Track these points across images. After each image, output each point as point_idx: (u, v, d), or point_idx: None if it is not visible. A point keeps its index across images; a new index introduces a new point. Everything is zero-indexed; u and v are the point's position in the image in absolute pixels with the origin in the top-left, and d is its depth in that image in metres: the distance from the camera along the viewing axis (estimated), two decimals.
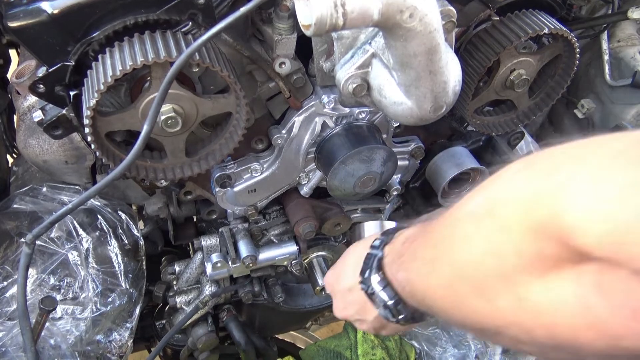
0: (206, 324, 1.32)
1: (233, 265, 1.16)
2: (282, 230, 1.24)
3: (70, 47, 0.77)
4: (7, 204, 1.12)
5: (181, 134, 0.87)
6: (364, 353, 1.43)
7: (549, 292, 0.41)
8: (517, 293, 0.43)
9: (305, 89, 0.98)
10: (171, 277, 1.29)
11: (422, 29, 0.69)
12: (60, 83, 0.79)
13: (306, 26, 0.66)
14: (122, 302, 1.10)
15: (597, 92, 1.47)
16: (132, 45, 0.75)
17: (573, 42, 1.00)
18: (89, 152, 1.01)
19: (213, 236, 1.22)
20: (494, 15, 1.01)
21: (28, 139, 1.01)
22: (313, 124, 1.01)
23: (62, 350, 1.01)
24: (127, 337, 1.12)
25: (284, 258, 1.22)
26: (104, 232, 1.12)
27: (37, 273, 1.05)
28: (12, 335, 0.98)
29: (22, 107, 1.01)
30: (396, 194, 1.22)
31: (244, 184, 1.08)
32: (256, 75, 0.96)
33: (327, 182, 1.04)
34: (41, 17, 0.73)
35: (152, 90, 0.80)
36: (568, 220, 0.38)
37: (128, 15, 0.76)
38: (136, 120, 0.82)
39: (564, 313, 0.40)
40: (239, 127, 0.88)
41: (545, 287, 0.41)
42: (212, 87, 0.90)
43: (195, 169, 0.92)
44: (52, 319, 1.02)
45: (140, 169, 0.89)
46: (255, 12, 0.88)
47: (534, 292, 0.42)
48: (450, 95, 0.83)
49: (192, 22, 0.80)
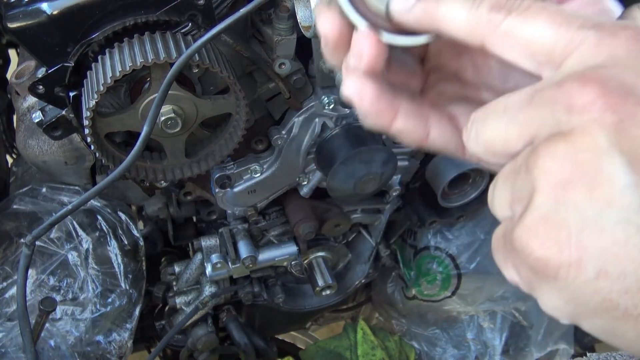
0: (206, 324, 1.32)
1: (233, 265, 1.16)
2: (282, 231, 1.24)
3: (70, 48, 0.77)
4: (7, 204, 1.11)
5: (181, 134, 0.87)
6: (364, 353, 1.43)
7: None
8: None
9: (305, 89, 0.98)
10: (171, 277, 1.29)
11: None
12: (60, 84, 0.79)
13: (306, 27, 0.66)
14: (122, 302, 1.10)
15: None
16: (132, 47, 0.75)
17: None
18: (88, 153, 1.01)
19: (213, 237, 1.22)
20: None
21: (27, 139, 1.01)
22: (313, 125, 1.01)
23: (62, 351, 1.01)
24: (127, 337, 1.11)
25: (284, 259, 1.22)
26: (103, 232, 1.12)
27: (36, 274, 1.05)
28: (12, 336, 0.98)
29: (22, 108, 1.00)
30: (396, 195, 1.21)
31: (244, 184, 1.08)
32: (256, 76, 0.96)
33: (327, 183, 1.04)
34: (41, 18, 0.73)
35: (151, 91, 0.80)
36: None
37: (127, 17, 0.76)
38: (136, 121, 0.82)
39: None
40: (239, 128, 0.88)
41: None
42: (211, 88, 0.90)
43: (195, 169, 0.92)
44: (52, 319, 1.02)
45: (140, 169, 0.89)
46: (255, 13, 0.88)
47: None
48: None
49: (191, 23, 0.79)
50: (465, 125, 0.38)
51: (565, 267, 0.30)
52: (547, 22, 0.33)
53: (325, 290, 1.30)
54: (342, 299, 1.45)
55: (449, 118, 0.44)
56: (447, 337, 1.54)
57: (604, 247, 0.29)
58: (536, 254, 0.31)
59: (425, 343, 1.55)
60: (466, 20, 0.36)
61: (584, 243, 0.30)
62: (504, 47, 0.35)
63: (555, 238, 0.30)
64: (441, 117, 0.44)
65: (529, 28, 0.33)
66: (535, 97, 0.32)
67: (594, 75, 0.30)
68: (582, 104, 0.30)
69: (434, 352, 1.53)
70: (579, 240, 0.30)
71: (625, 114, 0.29)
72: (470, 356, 1.51)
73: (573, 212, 0.30)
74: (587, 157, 0.29)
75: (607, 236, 0.29)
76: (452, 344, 1.53)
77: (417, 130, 0.42)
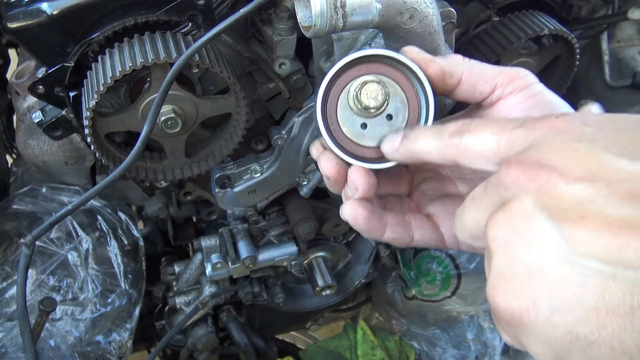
0: (206, 324, 1.32)
1: (233, 265, 1.16)
2: (281, 231, 1.24)
3: (70, 48, 0.77)
4: (7, 204, 1.11)
5: (181, 134, 0.87)
6: (364, 353, 1.43)
7: None
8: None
9: (305, 89, 0.98)
10: (171, 277, 1.29)
11: (422, 30, 0.69)
12: (60, 84, 0.79)
13: (306, 27, 0.66)
14: (122, 302, 1.10)
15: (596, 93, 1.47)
16: (132, 47, 0.75)
17: (573, 43, 1.00)
18: (88, 153, 1.01)
19: (213, 237, 1.22)
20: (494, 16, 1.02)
21: (27, 139, 1.01)
22: (313, 125, 1.01)
23: (62, 351, 1.01)
24: (127, 337, 1.11)
25: (284, 259, 1.22)
26: (103, 232, 1.12)
27: (36, 274, 1.05)
28: (12, 336, 0.98)
29: (22, 108, 1.00)
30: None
31: (244, 184, 1.08)
32: (256, 76, 0.96)
33: None
34: (41, 18, 0.73)
35: (151, 91, 0.80)
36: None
37: (127, 17, 0.76)
38: (136, 121, 0.82)
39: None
40: (239, 128, 0.88)
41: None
42: (212, 88, 0.90)
43: (195, 169, 0.92)
44: (52, 319, 1.02)
45: (140, 169, 0.89)
46: (255, 13, 0.88)
47: None
48: None
49: (191, 23, 0.79)
50: (442, 223, 0.55)
51: (525, 312, 0.36)
52: (490, 133, 0.43)
53: (325, 290, 1.30)
54: (342, 299, 1.45)
55: (428, 218, 0.57)
56: (447, 337, 1.54)
57: (550, 288, 0.35)
58: (502, 306, 0.38)
59: (425, 343, 1.55)
60: (436, 148, 0.47)
61: (534, 288, 0.36)
62: (469, 161, 0.45)
63: (511, 289, 0.37)
64: (422, 220, 0.56)
65: (479, 141, 0.44)
66: (487, 186, 0.42)
67: (517, 158, 0.40)
68: (511, 181, 0.39)
69: (434, 352, 1.53)
70: (529, 287, 0.36)
71: (542, 181, 0.37)
72: (470, 356, 1.51)
73: (520, 265, 0.37)
74: (519, 219, 0.38)
75: (550, 278, 0.35)
76: (452, 344, 1.53)
77: (403, 237, 0.55)
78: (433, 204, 0.57)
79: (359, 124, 0.52)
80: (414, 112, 0.52)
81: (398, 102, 0.52)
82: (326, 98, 0.52)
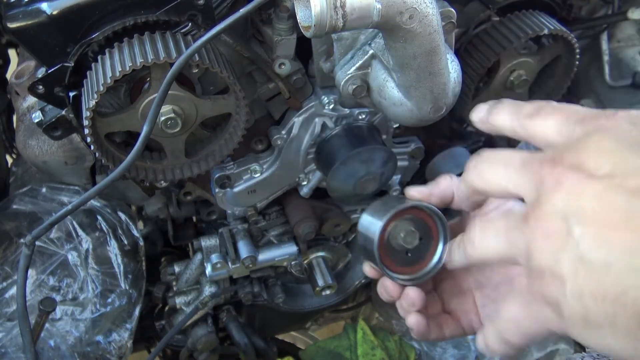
0: (206, 324, 1.32)
1: (233, 265, 1.16)
2: (281, 231, 1.24)
3: (70, 48, 0.77)
4: (7, 204, 1.11)
5: (181, 134, 0.87)
6: (364, 353, 1.43)
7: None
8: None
9: (305, 89, 0.98)
10: (171, 277, 1.29)
11: (421, 30, 0.69)
12: (60, 84, 0.79)
13: (306, 27, 0.66)
14: (122, 302, 1.10)
15: (597, 93, 1.47)
16: (132, 47, 0.75)
17: (573, 43, 1.00)
18: (88, 153, 1.01)
19: (213, 237, 1.21)
20: (494, 16, 1.01)
21: (27, 139, 1.01)
22: (313, 125, 1.01)
23: (62, 351, 1.01)
24: (127, 337, 1.11)
25: (284, 259, 1.22)
26: (103, 232, 1.12)
27: (36, 274, 1.05)
28: (12, 336, 0.98)
29: (22, 108, 1.00)
30: (396, 195, 1.21)
31: (244, 184, 1.08)
32: (256, 76, 0.96)
33: (327, 183, 1.04)
34: (40, 18, 0.73)
35: (151, 91, 0.80)
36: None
37: (127, 17, 0.76)
38: (136, 121, 0.82)
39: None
40: (239, 128, 0.88)
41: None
42: (211, 88, 0.90)
43: (194, 169, 0.92)
44: (52, 319, 1.02)
45: (139, 169, 0.89)
46: (255, 13, 0.88)
47: None
48: (450, 97, 0.83)
49: (191, 23, 0.79)
50: (461, 317, 0.65)
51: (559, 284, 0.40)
52: (554, 123, 0.47)
53: (325, 290, 1.30)
54: (342, 299, 1.45)
55: (451, 314, 0.66)
56: None
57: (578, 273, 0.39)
58: None
59: (425, 343, 1.55)
60: (510, 124, 0.53)
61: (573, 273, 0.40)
62: (536, 142, 0.50)
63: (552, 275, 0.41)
64: (447, 318, 0.65)
65: (545, 127, 0.48)
66: (526, 162, 0.46)
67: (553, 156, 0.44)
68: (545, 175, 0.43)
69: (434, 352, 1.53)
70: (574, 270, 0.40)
71: (571, 182, 0.41)
72: (470, 356, 1.51)
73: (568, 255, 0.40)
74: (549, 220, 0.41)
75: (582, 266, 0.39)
76: (452, 344, 1.53)
77: (441, 336, 0.65)
78: (452, 300, 0.67)
79: (403, 253, 0.63)
80: (435, 232, 0.63)
81: None
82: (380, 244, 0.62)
